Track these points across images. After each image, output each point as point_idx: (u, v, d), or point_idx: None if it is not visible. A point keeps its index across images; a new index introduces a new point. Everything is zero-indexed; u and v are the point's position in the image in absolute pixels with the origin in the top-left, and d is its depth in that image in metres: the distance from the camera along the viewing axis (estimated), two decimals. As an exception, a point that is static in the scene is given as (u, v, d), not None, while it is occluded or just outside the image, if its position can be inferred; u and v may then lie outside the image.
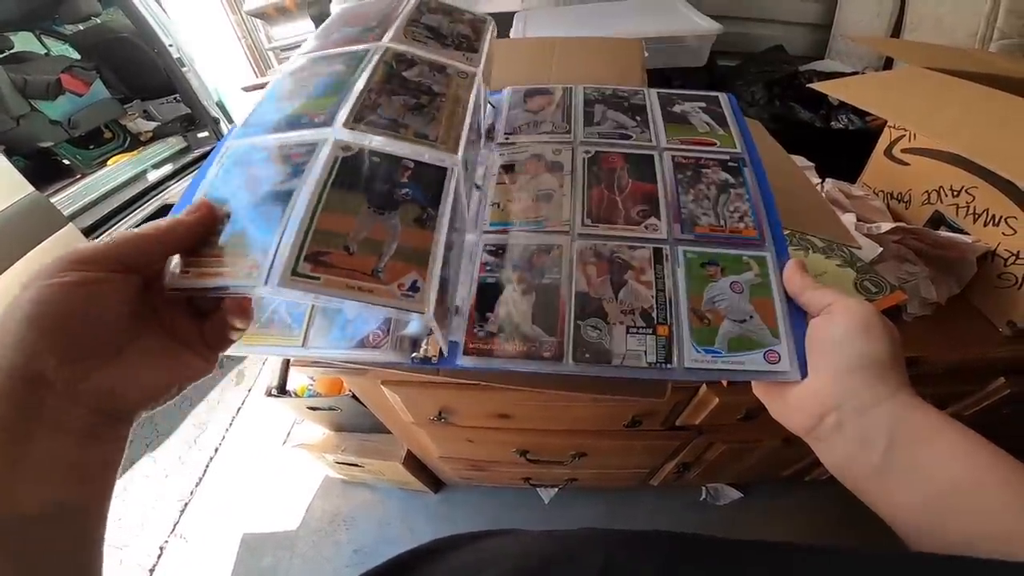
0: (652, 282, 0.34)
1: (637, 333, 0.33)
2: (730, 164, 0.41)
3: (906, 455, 0.26)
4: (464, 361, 0.33)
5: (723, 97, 0.47)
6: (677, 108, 0.46)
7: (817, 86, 0.61)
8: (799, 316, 0.33)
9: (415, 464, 1.17)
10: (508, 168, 0.42)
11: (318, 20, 1.23)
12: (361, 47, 0.37)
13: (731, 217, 0.38)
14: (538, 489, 1.30)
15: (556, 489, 1.30)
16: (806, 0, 1.14)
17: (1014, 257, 0.56)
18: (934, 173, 0.62)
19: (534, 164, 0.42)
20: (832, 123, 0.89)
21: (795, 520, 1.23)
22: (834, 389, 0.29)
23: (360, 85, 0.34)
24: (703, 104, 0.47)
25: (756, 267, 0.35)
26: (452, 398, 0.72)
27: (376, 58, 0.36)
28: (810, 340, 0.31)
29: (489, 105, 0.47)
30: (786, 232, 0.59)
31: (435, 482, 1.33)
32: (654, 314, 0.33)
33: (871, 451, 0.27)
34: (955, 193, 0.60)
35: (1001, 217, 0.56)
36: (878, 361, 0.28)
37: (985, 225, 0.58)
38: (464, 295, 0.35)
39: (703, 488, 1.28)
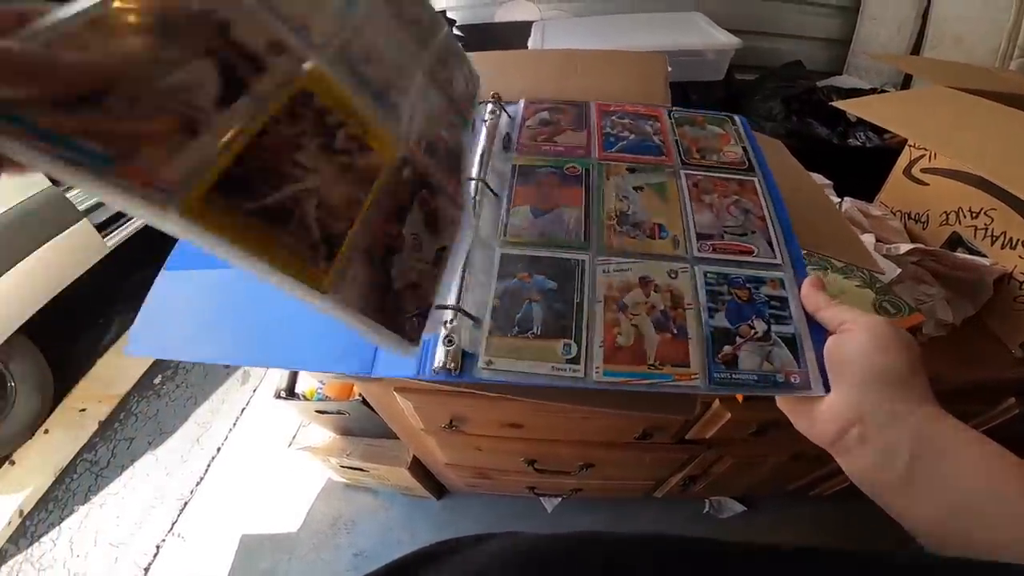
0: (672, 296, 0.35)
1: None
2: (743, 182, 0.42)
3: (929, 467, 0.27)
4: (482, 374, 0.32)
5: (737, 119, 0.49)
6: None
7: (839, 104, 0.61)
8: (819, 332, 0.34)
9: (420, 470, 1.16)
10: (525, 178, 0.42)
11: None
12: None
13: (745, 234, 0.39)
14: (541, 498, 1.29)
15: (560, 499, 1.29)
16: (825, 16, 1.14)
17: (1032, 281, 0.56)
18: (953, 194, 0.62)
19: (551, 179, 0.42)
20: (849, 140, 0.90)
21: (797, 534, 1.22)
22: (856, 404, 0.29)
23: None
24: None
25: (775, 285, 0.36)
26: (465, 406, 0.72)
27: None
28: (829, 356, 0.32)
29: (505, 114, 0.47)
30: (805, 252, 0.60)
31: (438, 488, 1.32)
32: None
33: (894, 464, 0.28)
34: (974, 215, 0.60)
35: (1019, 240, 0.56)
36: (898, 375, 0.29)
37: (1003, 248, 0.58)
38: (482, 304, 0.35)
39: (707, 501, 1.27)
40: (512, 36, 1.31)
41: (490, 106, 0.48)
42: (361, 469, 1.16)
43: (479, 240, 0.38)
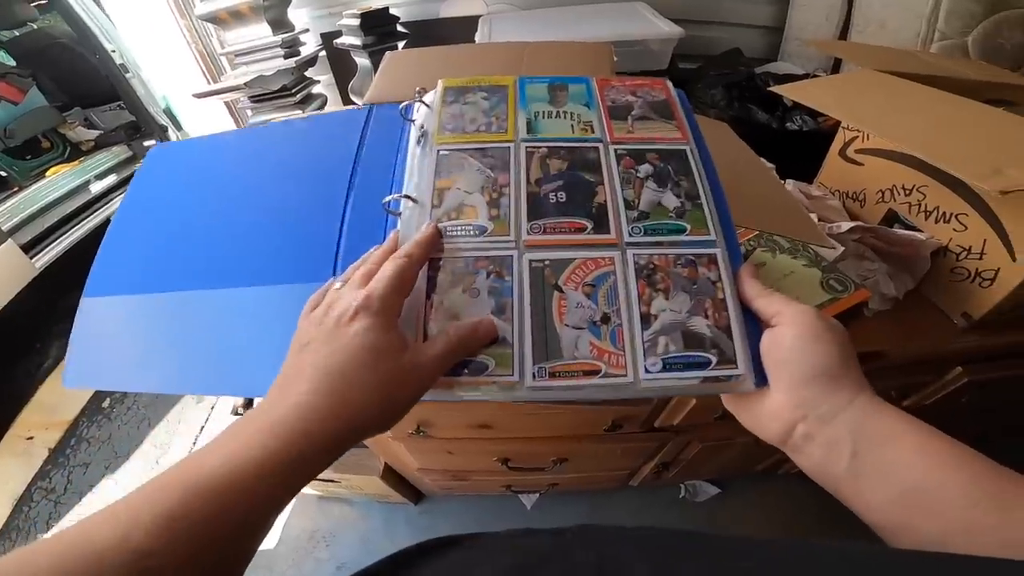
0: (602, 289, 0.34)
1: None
2: (674, 154, 0.40)
3: (871, 459, 0.27)
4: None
5: (668, 84, 0.45)
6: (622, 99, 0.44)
7: (776, 89, 0.63)
8: (754, 323, 0.33)
9: (394, 477, 1.15)
10: (446, 167, 0.39)
11: (275, 25, 1.18)
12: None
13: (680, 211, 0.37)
14: (520, 495, 1.30)
15: (538, 494, 1.30)
16: (760, 4, 1.17)
17: (965, 252, 0.59)
18: (887, 173, 0.65)
19: (472, 161, 0.39)
20: (787, 124, 0.92)
21: (772, 511, 1.27)
22: (797, 403, 0.30)
23: None
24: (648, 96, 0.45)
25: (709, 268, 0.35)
26: (431, 412, 0.71)
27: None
28: (766, 354, 0.32)
29: (423, 105, 0.44)
30: (754, 233, 0.61)
31: (415, 493, 1.30)
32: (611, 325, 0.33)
33: (839, 457, 0.28)
34: (907, 192, 0.63)
35: (952, 214, 0.59)
36: (830, 369, 0.29)
37: (937, 222, 0.61)
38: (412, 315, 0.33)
39: (682, 486, 1.30)
40: (459, 31, 1.29)
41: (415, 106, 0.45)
42: (332, 480, 1.13)
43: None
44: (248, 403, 1.03)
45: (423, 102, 0.44)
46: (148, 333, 0.40)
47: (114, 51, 1.78)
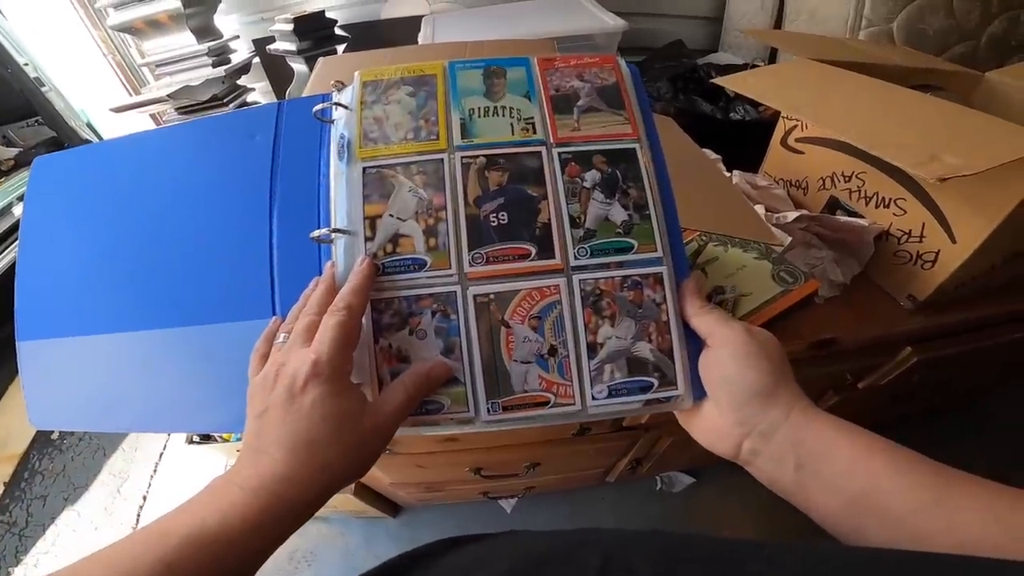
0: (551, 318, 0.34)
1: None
2: (623, 155, 0.37)
3: (813, 471, 0.29)
4: None
5: (619, 62, 0.41)
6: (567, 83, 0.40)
7: (718, 81, 0.63)
8: (695, 340, 0.34)
9: (368, 493, 1.11)
10: (375, 189, 0.35)
11: (200, 33, 1.11)
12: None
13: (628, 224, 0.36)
14: (499, 501, 1.29)
15: (516, 498, 1.29)
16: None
17: (906, 236, 0.61)
18: (826, 160, 0.67)
19: (403, 180, 0.36)
20: (731, 114, 0.94)
21: (746, 497, 1.30)
22: (740, 421, 0.31)
23: None
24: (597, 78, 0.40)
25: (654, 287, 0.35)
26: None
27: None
28: (705, 376, 0.33)
29: (341, 107, 0.39)
30: (705, 233, 0.61)
31: (392, 507, 1.28)
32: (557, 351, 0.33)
33: (785, 470, 0.30)
34: (847, 179, 0.65)
35: (891, 199, 0.61)
36: (765, 387, 0.31)
37: (877, 207, 0.63)
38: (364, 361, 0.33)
39: (658, 478, 1.32)
40: (401, 32, 1.25)
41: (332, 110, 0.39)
42: (303, 502, 1.09)
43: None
44: (205, 435, 0.97)
45: (340, 103, 0.39)
46: (102, 374, 0.40)
47: (26, 64, 1.65)
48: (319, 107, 0.39)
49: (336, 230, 0.35)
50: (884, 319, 0.63)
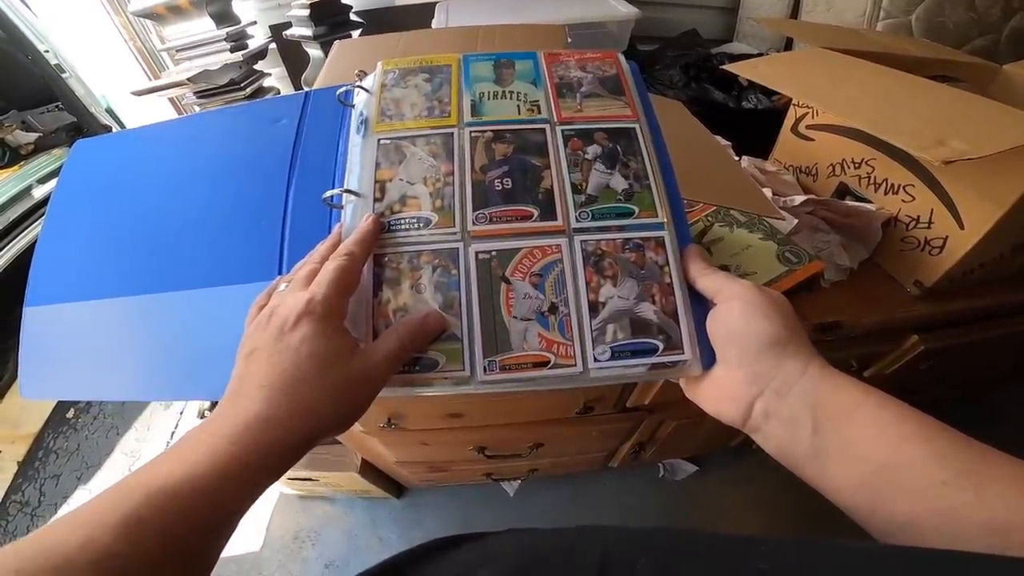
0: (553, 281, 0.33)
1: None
2: (623, 133, 0.39)
3: (833, 435, 0.26)
4: None
5: (619, 58, 0.44)
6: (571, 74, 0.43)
7: (729, 67, 0.63)
8: (701, 306, 0.33)
9: (372, 472, 1.14)
10: (387, 157, 0.38)
11: (219, 18, 1.13)
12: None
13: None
14: (502, 483, 1.30)
15: (519, 481, 1.31)
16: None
17: (914, 222, 0.61)
18: (837, 147, 0.67)
19: (414, 150, 0.38)
20: (743, 103, 0.94)
21: (749, 486, 1.31)
22: (752, 378, 0.29)
23: None
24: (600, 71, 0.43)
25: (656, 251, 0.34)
26: (400, 403, 0.70)
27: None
28: (713, 334, 0.31)
29: (363, 91, 0.42)
30: (712, 208, 0.62)
31: (396, 487, 1.30)
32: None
33: (800, 434, 0.27)
34: (857, 165, 0.65)
35: (900, 185, 0.61)
36: (777, 338, 0.28)
37: (886, 194, 0.63)
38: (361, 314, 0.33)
39: (660, 465, 1.33)
40: (415, 18, 1.26)
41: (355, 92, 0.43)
42: (310, 479, 1.12)
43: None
44: (213, 405, 1.00)
45: (362, 87, 0.42)
46: (101, 340, 0.39)
47: (47, 51, 1.68)
48: (342, 90, 0.42)
49: (347, 191, 0.36)
50: (890, 304, 0.63)
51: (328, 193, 0.36)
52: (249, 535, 1.29)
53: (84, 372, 0.39)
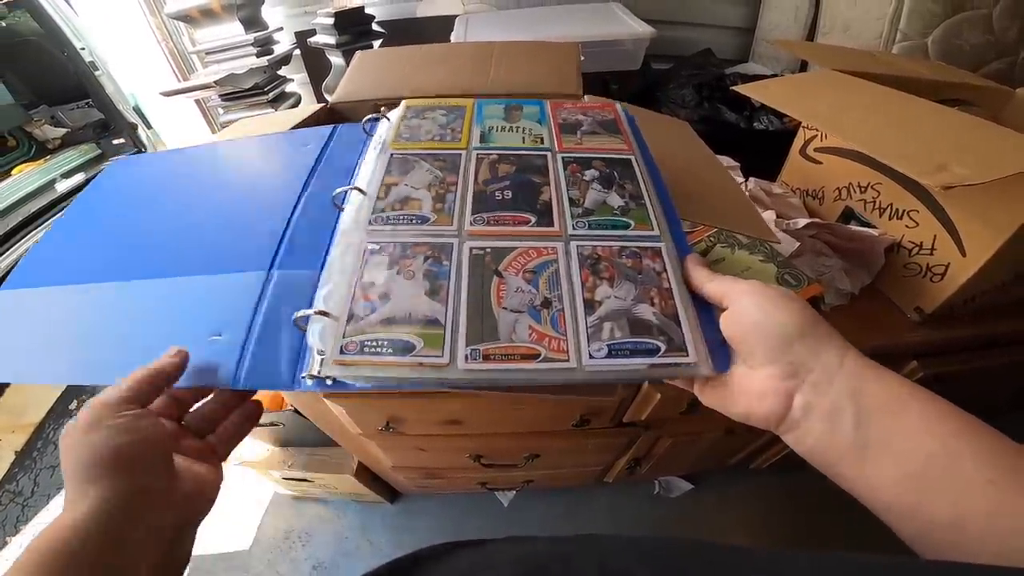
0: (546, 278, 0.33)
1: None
2: (619, 162, 0.42)
3: (877, 429, 0.25)
4: (334, 370, 0.29)
5: (617, 107, 0.49)
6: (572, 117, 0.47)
7: (739, 88, 0.64)
8: (706, 311, 0.32)
9: (368, 475, 1.14)
10: (397, 167, 0.41)
11: (248, 23, 1.17)
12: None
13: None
14: (496, 493, 1.30)
15: (514, 492, 1.30)
16: (732, 5, 1.19)
17: (917, 248, 0.61)
18: (844, 171, 0.67)
19: (423, 163, 0.41)
20: (755, 124, 0.94)
21: (744, 507, 1.29)
22: (784, 370, 0.27)
23: None
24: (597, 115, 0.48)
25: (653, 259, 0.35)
26: (400, 407, 0.71)
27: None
28: (729, 331, 0.30)
29: (386, 120, 0.47)
30: (714, 230, 0.62)
31: (390, 492, 1.30)
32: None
33: (841, 428, 0.26)
34: (863, 189, 0.65)
35: (904, 211, 0.61)
36: (803, 328, 0.27)
37: (891, 219, 0.63)
38: (342, 296, 0.32)
39: (656, 482, 1.31)
40: (435, 30, 1.29)
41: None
42: (305, 480, 1.13)
43: (346, 240, 0.36)
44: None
45: (386, 117, 0.47)
46: (49, 324, 0.37)
47: (83, 48, 1.74)
48: (367, 120, 0.47)
49: (355, 188, 0.38)
50: (890, 330, 0.63)
51: (338, 190, 0.39)
52: (239, 534, 1.29)
53: (30, 355, 0.36)
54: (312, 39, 1.21)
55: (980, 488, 0.22)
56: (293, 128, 0.63)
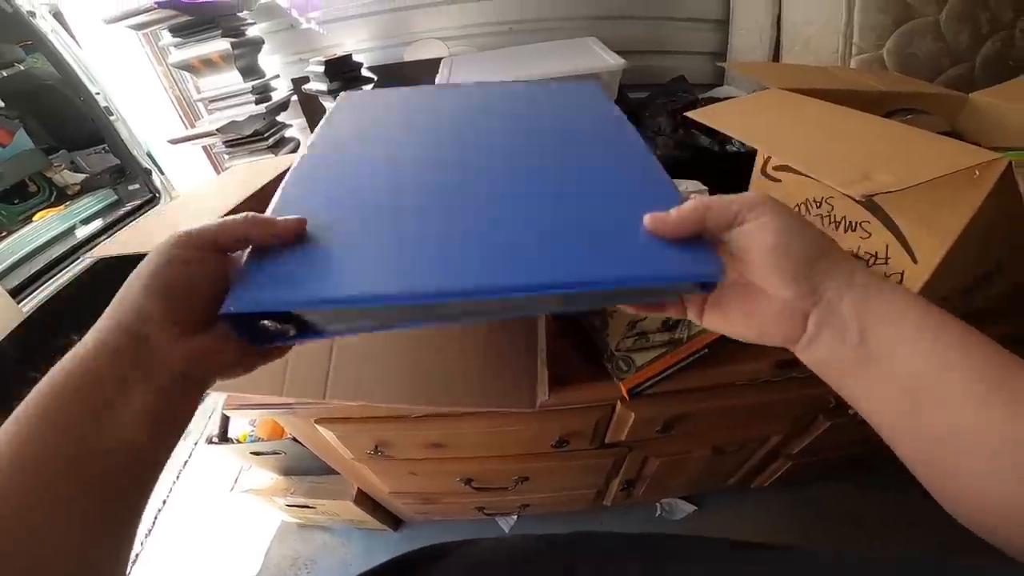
0: None
1: None
2: None
3: (877, 341, 0.25)
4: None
5: None
6: None
7: (690, 114, 0.67)
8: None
9: (368, 502, 1.16)
10: None
11: (246, 72, 1.25)
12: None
13: None
14: (496, 519, 1.30)
15: (515, 517, 1.30)
16: (704, 31, 1.24)
17: (872, 258, 0.62)
18: (799, 187, 0.69)
19: None
20: (727, 147, 0.97)
21: (749, 527, 1.27)
22: (807, 289, 0.27)
23: None
24: None
25: None
26: (386, 431, 0.73)
27: None
28: (746, 251, 0.27)
29: None
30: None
31: (393, 520, 1.31)
32: None
33: (845, 345, 0.26)
34: (818, 204, 0.67)
35: (857, 223, 0.63)
36: (822, 246, 0.27)
37: (845, 231, 0.64)
38: None
39: (657, 505, 1.30)
40: (421, 73, 1.36)
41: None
42: (308, 507, 1.15)
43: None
44: (223, 433, 1.05)
45: None
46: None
47: (98, 93, 1.80)
48: None
49: None
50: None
51: None
52: (246, 561, 1.32)
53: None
54: (306, 86, 1.28)
55: (969, 399, 0.22)
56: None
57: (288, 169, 0.38)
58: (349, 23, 1.37)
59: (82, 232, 1.84)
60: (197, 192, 0.75)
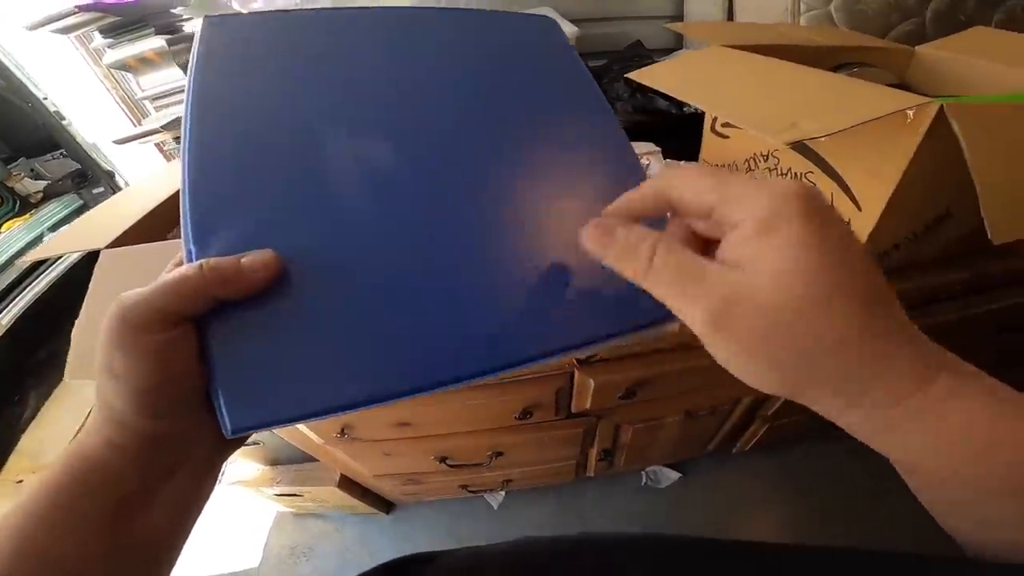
0: None
1: None
2: None
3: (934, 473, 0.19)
4: None
5: None
6: None
7: (630, 75, 0.66)
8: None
9: (355, 487, 1.18)
10: None
11: (185, 68, 1.21)
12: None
13: None
14: (484, 495, 1.32)
15: (503, 494, 1.32)
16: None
17: (818, 207, 0.62)
18: (746, 143, 0.69)
19: None
20: (684, 108, 0.96)
21: (734, 492, 1.30)
22: (792, 390, 0.20)
23: None
24: None
25: None
26: (349, 415, 0.73)
27: None
28: (726, 300, 0.19)
29: None
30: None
31: (383, 503, 1.34)
32: None
33: (892, 455, 0.20)
34: (764, 158, 0.67)
35: (802, 174, 0.62)
36: (860, 330, 0.17)
37: (792, 182, 0.64)
38: None
39: (642, 473, 1.32)
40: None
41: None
42: (296, 495, 1.17)
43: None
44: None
45: None
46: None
47: (45, 98, 1.76)
48: None
49: None
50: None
51: None
52: (247, 553, 1.35)
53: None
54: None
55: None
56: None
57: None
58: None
59: (50, 240, 1.81)
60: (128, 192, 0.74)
